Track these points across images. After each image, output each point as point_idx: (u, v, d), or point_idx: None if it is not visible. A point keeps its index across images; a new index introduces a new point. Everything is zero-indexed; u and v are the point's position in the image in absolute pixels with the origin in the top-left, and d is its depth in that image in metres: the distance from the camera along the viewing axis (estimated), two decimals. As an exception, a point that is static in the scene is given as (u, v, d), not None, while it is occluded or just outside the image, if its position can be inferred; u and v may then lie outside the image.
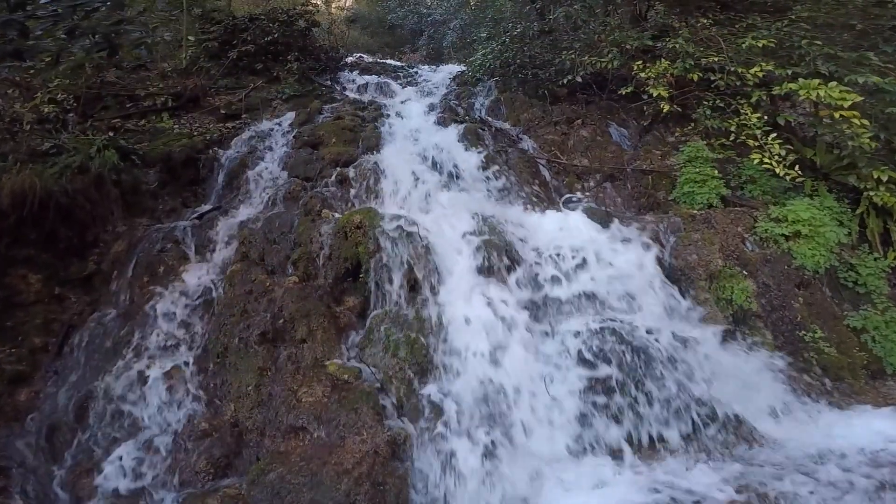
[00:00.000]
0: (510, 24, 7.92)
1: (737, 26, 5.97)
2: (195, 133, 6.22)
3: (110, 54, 4.12)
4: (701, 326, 4.29)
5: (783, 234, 4.58)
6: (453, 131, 6.27)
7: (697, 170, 5.15)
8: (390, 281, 4.05)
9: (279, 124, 6.80)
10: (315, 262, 4.27)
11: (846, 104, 4.68)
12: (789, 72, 5.08)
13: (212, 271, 4.49)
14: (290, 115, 7.05)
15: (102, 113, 6.66)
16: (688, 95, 6.04)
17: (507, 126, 6.64)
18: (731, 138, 5.40)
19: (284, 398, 3.78)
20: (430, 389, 3.69)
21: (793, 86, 4.94)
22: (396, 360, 3.78)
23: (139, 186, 5.21)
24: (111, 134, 6.00)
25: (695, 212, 4.91)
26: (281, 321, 3.98)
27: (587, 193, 5.44)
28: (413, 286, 4.08)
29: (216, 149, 6.08)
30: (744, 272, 4.46)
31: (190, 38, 8.17)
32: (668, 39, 5.87)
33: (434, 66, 10.14)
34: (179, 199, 5.39)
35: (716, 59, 5.50)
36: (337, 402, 3.67)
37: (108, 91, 7.05)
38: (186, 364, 4.19)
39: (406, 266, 4.06)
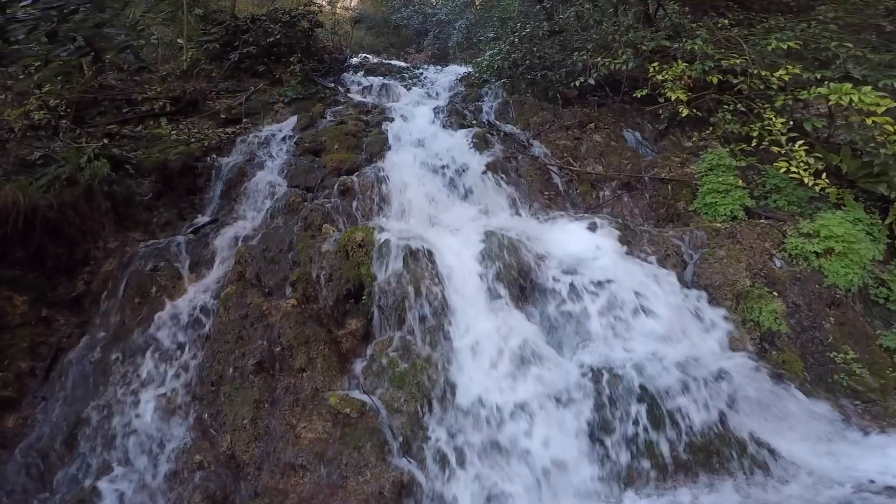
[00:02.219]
0: (518, 24, 7.46)
1: (758, 27, 5.51)
2: (193, 139, 5.83)
3: (95, 59, 3.73)
4: (727, 351, 3.91)
5: (814, 252, 4.15)
6: (460, 136, 5.84)
7: (720, 179, 4.71)
8: (395, 305, 3.65)
9: (280, 129, 6.40)
10: (315, 283, 3.87)
11: (880, 110, 4.25)
12: (818, 75, 4.63)
13: (206, 292, 4.10)
14: (292, 120, 6.66)
15: (98, 118, 6.28)
16: (704, 98, 5.60)
17: (516, 130, 6.21)
18: (753, 144, 4.97)
19: (283, 433, 3.41)
20: (438, 425, 3.32)
21: (822, 90, 4.50)
22: (402, 392, 3.40)
23: (132, 198, 4.82)
24: (106, 141, 5.62)
25: (718, 225, 4.48)
26: (278, 349, 3.60)
27: (603, 203, 5.01)
28: (419, 308, 3.67)
29: (214, 156, 5.69)
30: (773, 293, 4.04)
31: (179, 40, 7.73)
32: (684, 40, 5.42)
33: (439, 67, 9.68)
34: (175, 211, 4.99)
35: (737, 61, 5.05)
36: (339, 440, 3.30)
37: (105, 95, 6.66)
38: (179, 391, 3.84)
39: (412, 289, 3.66)
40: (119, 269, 4.24)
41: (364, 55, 10.35)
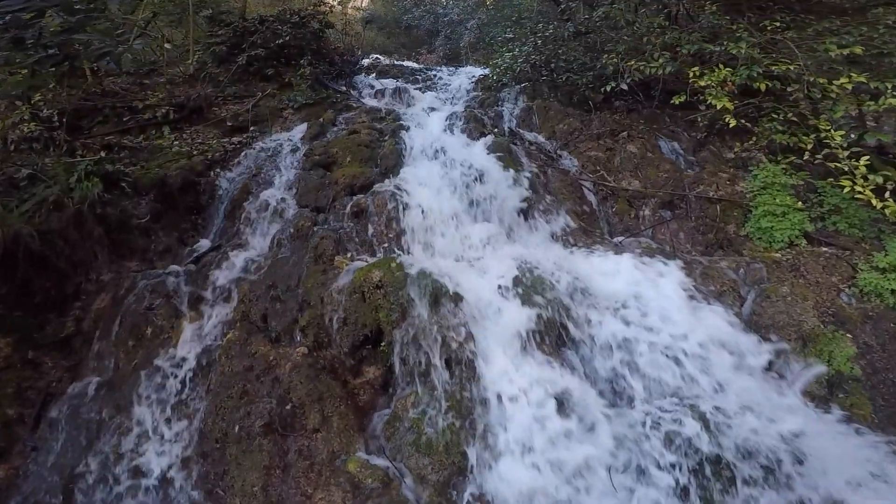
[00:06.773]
0: (539, 25, 6.75)
1: (808, 30, 4.81)
2: (195, 152, 5.21)
3: (71, 68, 3.15)
4: (793, 402, 3.33)
5: (891, 289, 3.53)
6: (481, 146, 5.18)
7: (776, 199, 4.07)
8: (418, 356, 3.07)
9: (289, 138, 5.78)
10: (327, 327, 3.28)
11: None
12: (888, 85, 3.96)
13: (207, 334, 3.52)
14: (302, 127, 6.03)
15: (97, 128, 5.67)
16: (747, 106, 4.92)
17: (541, 139, 5.55)
18: (805, 157, 4.32)
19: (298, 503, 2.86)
20: (474, 499, 2.75)
21: (894, 101, 3.84)
22: (429, 459, 2.84)
23: (128, 221, 4.22)
24: (103, 153, 5.01)
25: (778, 255, 3.85)
26: (288, 406, 3.03)
27: (642, 226, 4.37)
28: (446, 361, 3.09)
29: (218, 170, 5.08)
30: (845, 334, 3.43)
31: (167, 45, 7.08)
32: (725, 43, 4.74)
33: (453, 69, 8.98)
34: (175, 235, 4.38)
35: (790, 67, 4.38)
36: (359, 515, 2.75)
37: (105, 102, 6.04)
38: (181, 446, 3.29)
39: (437, 337, 3.07)
40: (112, 305, 3.67)
41: (376, 56, 9.65)
